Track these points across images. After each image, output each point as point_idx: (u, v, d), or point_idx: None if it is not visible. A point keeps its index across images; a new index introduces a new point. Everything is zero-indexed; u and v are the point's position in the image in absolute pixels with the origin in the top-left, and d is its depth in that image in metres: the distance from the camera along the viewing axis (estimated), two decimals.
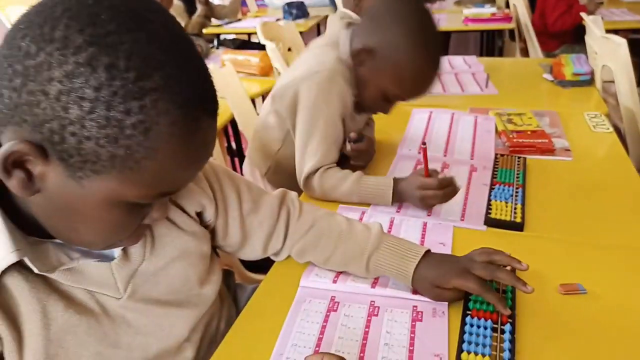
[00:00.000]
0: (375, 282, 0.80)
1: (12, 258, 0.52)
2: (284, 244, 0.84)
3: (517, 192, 1.05)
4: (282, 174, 1.24)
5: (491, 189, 1.08)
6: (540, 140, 1.29)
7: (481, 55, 4.03)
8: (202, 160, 0.54)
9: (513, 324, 0.70)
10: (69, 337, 0.57)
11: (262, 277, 0.85)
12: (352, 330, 0.71)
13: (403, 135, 1.40)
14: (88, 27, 0.44)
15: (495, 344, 0.67)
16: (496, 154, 1.24)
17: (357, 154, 1.13)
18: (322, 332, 0.71)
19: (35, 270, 0.54)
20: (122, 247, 0.62)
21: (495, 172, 1.15)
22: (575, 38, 2.97)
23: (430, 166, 1.01)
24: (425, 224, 0.97)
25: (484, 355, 0.65)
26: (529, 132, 1.34)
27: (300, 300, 0.77)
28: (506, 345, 0.66)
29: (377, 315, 0.74)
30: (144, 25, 0.46)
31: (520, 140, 1.29)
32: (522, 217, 0.97)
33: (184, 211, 0.70)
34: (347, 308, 0.76)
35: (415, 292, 0.77)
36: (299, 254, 0.84)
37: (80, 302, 0.59)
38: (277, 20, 3.28)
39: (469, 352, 0.66)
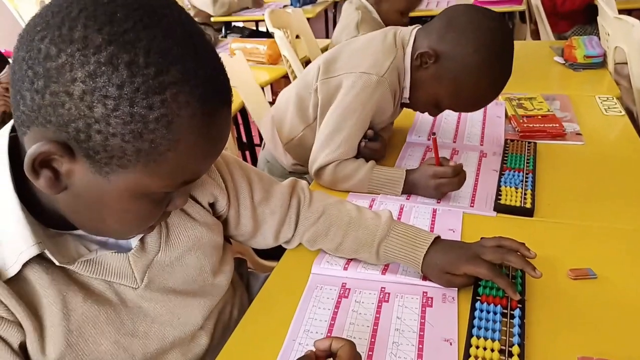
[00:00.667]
0: (385, 269, 0.81)
1: (34, 251, 0.53)
2: (295, 232, 0.85)
3: (527, 178, 1.05)
4: (304, 148, 1.23)
5: (501, 174, 1.08)
6: (550, 125, 1.28)
7: None
8: (221, 148, 0.56)
9: (523, 309, 0.71)
10: (88, 326, 0.59)
11: (274, 264, 0.87)
12: (363, 316, 0.73)
13: (412, 122, 1.40)
14: (106, 26, 0.45)
15: (505, 329, 0.68)
16: (506, 140, 1.23)
17: (369, 152, 1.12)
18: (333, 318, 0.72)
19: (56, 262, 0.55)
20: (139, 238, 0.64)
21: (505, 158, 1.14)
22: (587, 19, 2.91)
23: (440, 154, 1.01)
24: (435, 211, 0.97)
25: (493, 340, 0.66)
26: (539, 117, 1.33)
27: (312, 287, 0.79)
28: (516, 330, 0.67)
29: (387, 301, 0.75)
30: (159, 21, 0.47)
31: (531, 125, 1.29)
32: (532, 203, 0.97)
33: (197, 202, 0.71)
34: (358, 294, 0.77)
35: (425, 278, 0.78)
36: (310, 242, 0.85)
37: (99, 292, 0.61)
38: (285, 7, 3.26)
39: (478, 337, 0.66)
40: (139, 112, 0.45)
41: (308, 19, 2.78)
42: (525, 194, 0.99)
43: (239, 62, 1.63)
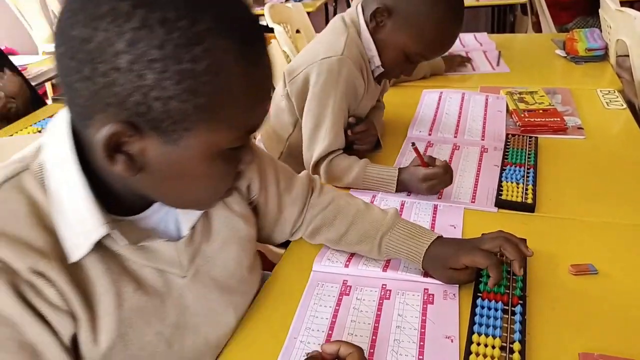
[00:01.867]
0: (386, 266, 0.81)
1: (103, 230, 0.53)
2: (304, 219, 0.86)
3: (528, 173, 1.05)
4: (295, 159, 1.24)
5: (502, 170, 1.07)
6: (552, 119, 1.28)
7: (493, 30, 3.96)
8: (271, 87, 0.56)
9: (524, 306, 0.71)
10: (137, 317, 0.58)
11: (283, 250, 0.88)
12: (364, 313, 0.73)
13: (413, 117, 1.39)
14: None
15: (505, 325, 0.68)
16: (507, 134, 1.23)
17: (358, 136, 1.13)
18: (334, 316, 0.73)
19: (123, 243, 0.56)
20: (190, 227, 0.64)
21: (507, 153, 1.14)
22: (588, 10, 2.89)
23: (442, 149, 1.01)
24: (435, 207, 0.97)
25: (494, 337, 0.66)
26: (540, 111, 1.32)
27: (313, 285, 0.79)
28: (517, 326, 0.67)
29: (388, 298, 0.75)
30: None
31: (532, 120, 1.28)
32: (534, 198, 0.96)
33: (237, 189, 0.73)
34: (359, 292, 0.77)
35: (426, 274, 0.78)
36: (313, 232, 0.85)
37: (149, 282, 0.60)
38: (286, 1, 3.25)
39: (479, 334, 0.67)
40: (186, 68, 0.45)
41: (308, 13, 2.77)
42: (526, 190, 0.99)
43: (274, 49, 1.59)
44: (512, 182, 1.02)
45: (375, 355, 0.66)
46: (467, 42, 2.07)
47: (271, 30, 2.11)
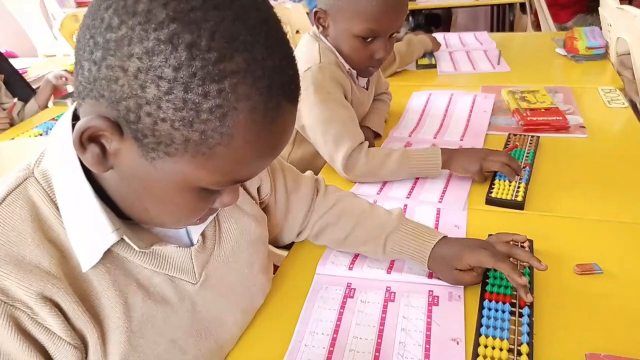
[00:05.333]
0: (390, 268, 0.81)
1: (114, 238, 0.51)
2: (309, 220, 0.85)
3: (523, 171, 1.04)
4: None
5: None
6: (554, 118, 1.27)
7: (492, 29, 3.96)
8: (279, 148, 0.51)
9: (531, 307, 0.70)
10: (148, 327, 0.57)
11: (286, 253, 0.88)
12: (368, 316, 0.72)
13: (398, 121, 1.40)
14: (172, 1, 0.41)
15: (513, 327, 0.67)
16: (509, 134, 1.22)
17: None
18: (339, 319, 0.72)
19: (136, 248, 0.54)
20: (200, 232, 0.62)
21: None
22: (588, 8, 2.90)
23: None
24: (438, 210, 0.97)
25: (502, 339, 0.65)
26: (542, 110, 1.32)
27: (316, 288, 0.78)
28: (524, 328, 0.66)
29: (393, 300, 0.75)
30: (232, 3, 0.43)
31: (535, 119, 1.28)
32: (524, 196, 0.96)
33: (246, 190, 0.72)
34: (364, 294, 0.76)
35: (430, 275, 0.78)
36: (318, 233, 0.85)
37: (158, 290, 0.58)
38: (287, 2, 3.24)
39: (487, 336, 0.66)
40: (192, 99, 0.42)
41: (307, 13, 2.77)
42: (518, 187, 0.99)
43: None
44: (504, 181, 1.01)
45: (380, 359, 0.65)
46: (467, 41, 2.07)
47: None
